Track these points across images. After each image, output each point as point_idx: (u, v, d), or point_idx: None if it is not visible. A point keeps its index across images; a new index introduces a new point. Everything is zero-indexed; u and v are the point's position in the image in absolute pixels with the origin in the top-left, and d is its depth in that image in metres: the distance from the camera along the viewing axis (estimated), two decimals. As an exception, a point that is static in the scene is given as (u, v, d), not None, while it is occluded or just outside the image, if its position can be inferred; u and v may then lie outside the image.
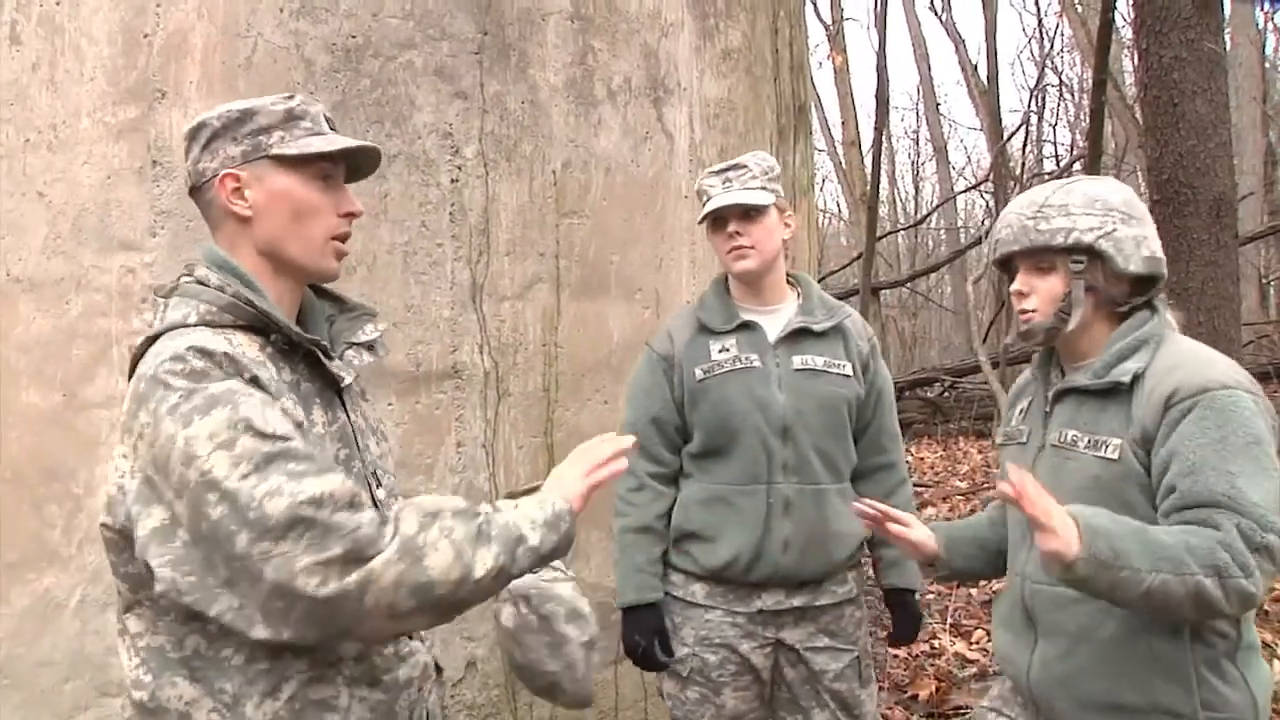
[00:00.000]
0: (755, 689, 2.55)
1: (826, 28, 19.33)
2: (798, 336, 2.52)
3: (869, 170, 12.26)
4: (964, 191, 21.39)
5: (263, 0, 2.83)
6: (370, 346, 1.70)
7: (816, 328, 2.53)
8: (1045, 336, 1.99)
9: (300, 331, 1.53)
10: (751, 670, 2.53)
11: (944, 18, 21.45)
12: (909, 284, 18.19)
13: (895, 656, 4.57)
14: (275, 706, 1.44)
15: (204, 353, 1.39)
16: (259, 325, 1.50)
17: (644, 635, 2.51)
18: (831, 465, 2.53)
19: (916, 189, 29.45)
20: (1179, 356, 1.87)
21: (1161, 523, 1.78)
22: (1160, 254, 1.97)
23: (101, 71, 2.84)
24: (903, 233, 22.86)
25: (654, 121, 3.15)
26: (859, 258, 12.99)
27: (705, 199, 2.50)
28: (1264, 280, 17.60)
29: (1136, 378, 1.88)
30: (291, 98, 1.60)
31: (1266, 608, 4.78)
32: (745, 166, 2.48)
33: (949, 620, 5.10)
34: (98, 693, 2.76)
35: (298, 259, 1.57)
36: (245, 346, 1.46)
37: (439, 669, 1.71)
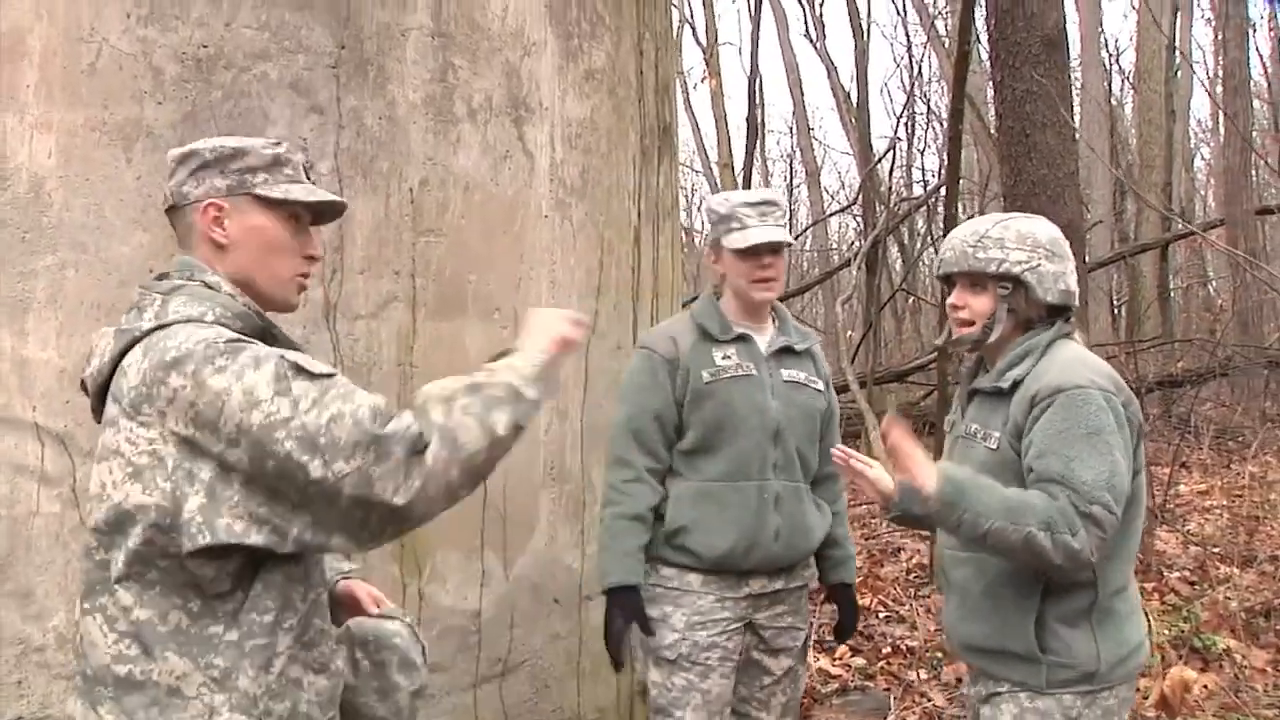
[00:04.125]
0: (733, 677, 2.80)
1: (703, 50, 19.61)
2: (783, 353, 2.88)
3: (742, 192, 12.41)
4: (834, 214, 21.92)
5: (108, 4, 2.73)
6: None
7: (797, 347, 2.91)
8: (971, 346, 2.40)
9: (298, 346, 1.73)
10: (732, 657, 2.77)
11: (818, 45, 21.90)
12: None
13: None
14: (268, 679, 1.57)
15: (237, 338, 1.57)
16: (261, 336, 1.66)
17: (627, 615, 2.71)
18: (807, 467, 2.87)
19: (791, 211, 30.06)
20: (1052, 363, 2.25)
21: None
22: (1075, 289, 2.35)
23: (-73, 72, 2.70)
24: (777, 253, 23.16)
25: (514, 140, 3.13)
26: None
27: (736, 225, 2.76)
28: (1114, 304, 18.49)
29: (1017, 383, 2.27)
30: (279, 144, 1.77)
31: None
32: (777, 205, 2.81)
33: (813, 637, 5.18)
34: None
35: (264, 289, 1.73)
36: None
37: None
